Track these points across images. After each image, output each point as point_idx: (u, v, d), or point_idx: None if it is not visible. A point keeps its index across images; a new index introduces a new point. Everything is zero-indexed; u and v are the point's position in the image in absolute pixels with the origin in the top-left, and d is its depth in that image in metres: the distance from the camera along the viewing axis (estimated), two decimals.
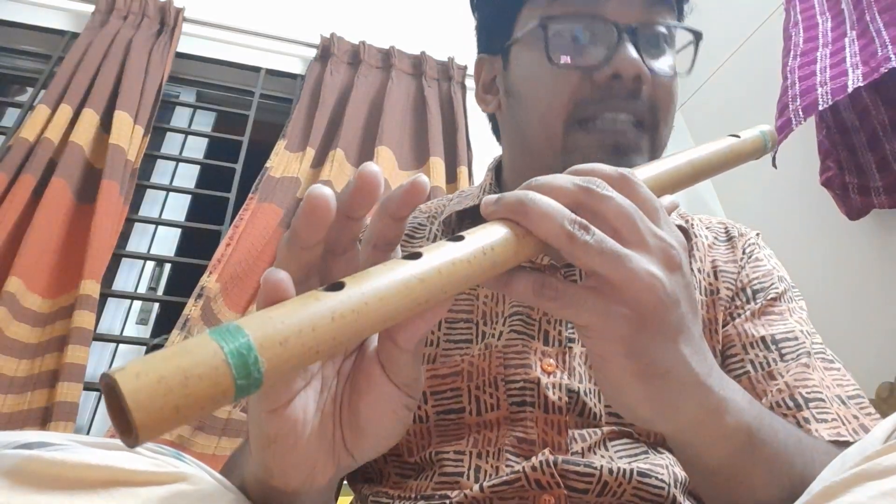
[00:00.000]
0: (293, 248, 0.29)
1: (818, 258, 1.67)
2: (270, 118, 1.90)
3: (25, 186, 1.33)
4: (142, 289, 1.54)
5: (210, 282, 1.40)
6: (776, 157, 1.38)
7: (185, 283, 1.45)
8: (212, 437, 1.27)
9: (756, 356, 0.53)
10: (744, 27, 2.00)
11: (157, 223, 1.61)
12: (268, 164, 1.63)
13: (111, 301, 1.49)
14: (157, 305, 1.54)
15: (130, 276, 1.55)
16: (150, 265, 1.58)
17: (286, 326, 0.23)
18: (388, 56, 1.95)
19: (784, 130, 1.35)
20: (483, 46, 0.65)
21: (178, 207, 1.68)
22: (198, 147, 1.79)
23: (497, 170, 0.67)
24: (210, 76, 1.88)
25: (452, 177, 1.77)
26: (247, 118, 1.79)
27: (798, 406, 0.49)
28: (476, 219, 0.63)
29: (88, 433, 1.30)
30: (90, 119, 1.48)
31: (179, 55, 1.77)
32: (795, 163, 1.42)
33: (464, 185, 1.74)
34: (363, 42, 1.94)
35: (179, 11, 1.76)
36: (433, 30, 2.12)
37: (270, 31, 1.90)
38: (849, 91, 1.24)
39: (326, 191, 0.27)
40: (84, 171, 1.44)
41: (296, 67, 1.94)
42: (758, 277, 0.59)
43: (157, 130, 1.66)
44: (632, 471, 0.46)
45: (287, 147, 1.68)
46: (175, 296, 1.49)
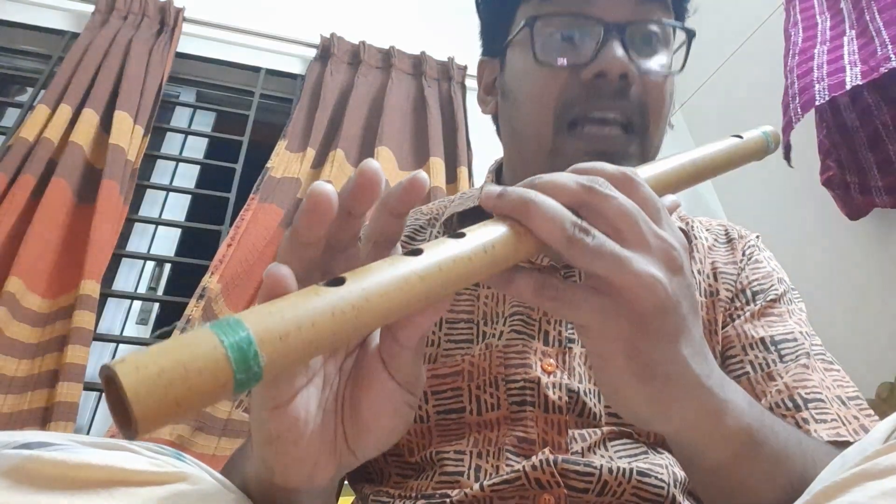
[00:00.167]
0: (295, 245, 0.29)
1: (819, 258, 1.67)
2: (270, 118, 1.90)
3: (25, 186, 1.33)
4: (142, 289, 1.54)
5: (212, 282, 1.40)
6: (791, 157, 1.38)
7: (185, 283, 1.45)
8: (212, 438, 1.26)
9: (755, 357, 0.53)
10: (744, 27, 2.00)
11: (157, 223, 1.61)
12: (269, 165, 1.63)
13: (111, 301, 1.49)
14: (157, 305, 1.54)
15: (130, 276, 1.55)
16: (150, 265, 1.58)
17: (286, 321, 0.23)
18: (388, 56, 1.95)
19: (787, 130, 1.35)
20: (485, 49, 0.66)
21: (178, 207, 1.68)
22: (198, 147, 1.79)
23: (498, 171, 0.68)
24: (210, 76, 1.87)
25: (452, 177, 1.77)
26: (247, 118, 1.79)
27: (797, 407, 0.49)
28: (477, 220, 0.63)
29: (88, 433, 1.30)
30: (90, 119, 1.48)
31: (179, 55, 1.77)
32: (796, 162, 1.42)
33: (464, 185, 1.74)
34: (363, 42, 1.94)
35: (179, 11, 1.76)
36: (433, 30, 2.12)
37: (270, 31, 1.90)
38: (847, 88, 1.24)
39: (328, 188, 0.27)
40: (84, 171, 1.44)
41: (296, 67, 1.94)
42: (757, 279, 0.59)
43: (157, 130, 1.66)
44: (631, 470, 0.47)
45: (288, 147, 1.68)
46: (175, 296, 1.49)
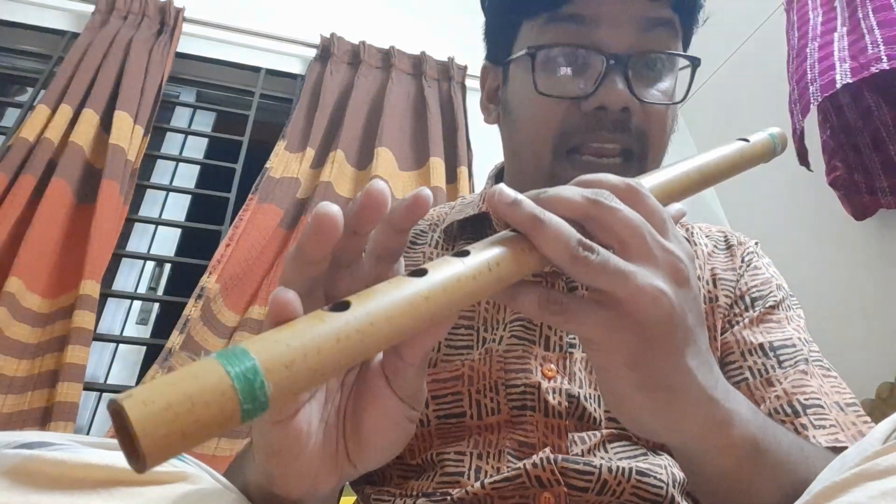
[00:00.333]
0: (299, 263, 0.29)
1: (820, 259, 1.67)
2: (270, 118, 1.90)
3: (25, 186, 1.33)
4: (142, 289, 1.54)
5: (210, 282, 1.40)
6: (809, 161, 1.38)
7: (185, 283, 1.45)
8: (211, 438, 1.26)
9: (754, 363, 0.53)
10: (744, 27, 2.00)
11: (157, 223, 1.61)
12: (268, 165, 1.63)
13: (111, 301, 1.49)
14: (157, 305, 1.54)
15: (130, 276, 1.55)
16: (150, 265, 1.58)
17: (292, 349, 0.23)
18: (388, 56, 1.95)
19: (797, 136, 1.35)
20: (489, 54, 0.65)
21: (178, 207, 1.68)
22: (198, 147, 1.79)
23: (498, 176, 0.68)
24: (210, 76, 1.87)
25: (452, 177, 1.77)
26: (247, 118, 1.79)
27: (796, 412, 0.49)
28: (477, 227, 0.63)
29: (88, 433, 1.30)
30: (90, 119, 1.48)
31: (179, 55, 1.76)
32: (798, 164, 1.42)
33: (464, 185, 1.74)
34: (363, 42, 1.94)
35: (179, 11, 1.76)
36: (433, 30, 2.12)
37: (270, 31, 1.90)
38: (837, 87, 1.23)
39: (334, 208, 0.28)
40: (84, 171, 1.44)
41: (296, 67, 1.94)
42: (756, 286, 0.59)
43: (157, 130, 1.66)
44: (631, 470, 0.47)
45: (287, 147, 1.68)
46: (175, 296, 1.49)
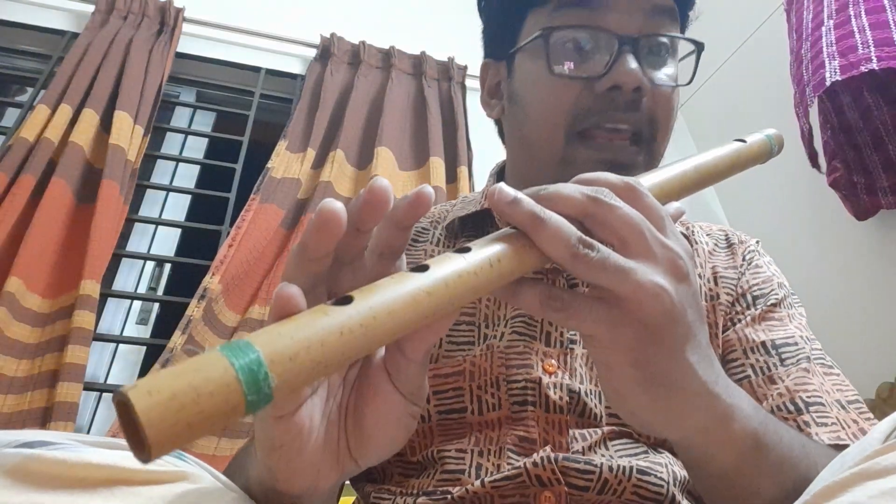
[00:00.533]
0: (303, 259, 0.30)
1: (820, 259, 1.67)
2: (270, 118, 1.90)
3: (25, 186, 1.33)
4: (142, 289, 1.54)
5: (213, 283, 1.40)
6: (819, 164, 1.38)
7: (185, 284, 1.45)
8: (211, 438, 1.27)
9: (756, 361, 0.54)
10: (744, 27, 2.00)
11: (157, 223, 1.61)
12: (269, 165, 1.63)
13: (111, 301, 1.49)
14: (157, 305, 1.54)
15: (130, 276, 1.55)
16: (150, 265, 1.58)
17: (295, 342, 0.23)
18: (388, 56, 1.95)
19: (803, 138, 1.35)
20: (489, 51, 0.66)
21: (179, 207, 1.68)
22: (198, 147, 1.79)
23: (499, 175, 0.68)
24: (210, 76, 1.88)
25: (452, 177, 1.77)
26: (247, 118, 1.79)
27: (798, 410, 0.49)
28: (479, 224, 0.64)
29: (88, 433, 1.30)
30: (90, 119, 1.48)
31: (179, 55, 1.77)
32: (798, 164, 1.42)
33: (464, 185, 1.74)
34: (363, 42, 1.94)
35: (179, 11, 1.76)
36: (433, 30, 2.12)
37: (270, 31, 1.90)
38: (826, 85, 1.23)
39: (338, 205, 0.28)
40: (84, 171, 1.44)
41: (296, 67, 1.94)
42: (758, 284, 0.60)
43: (157, 130, 1.66)
44: (631, 468, 0.47)
45: (288, 148, 1.68)
46: (175, 296, 1.49)
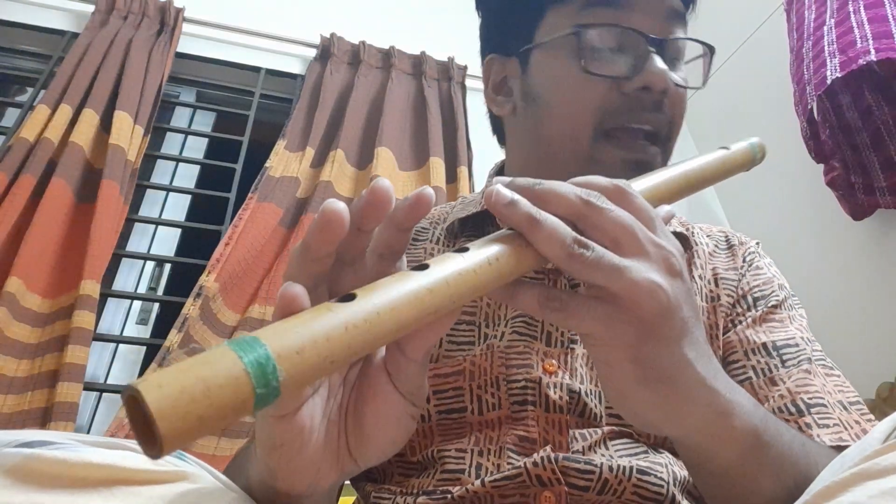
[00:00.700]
0: (305, 259, 0.30)
1: (820, 259, 1.67)
2: (270, 118, 1.90)
3: (25, 186, 1.33)
4: (142, 289, 1.54)
5: (209, 281, 1.40)
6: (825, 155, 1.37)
7: (185, 283, 1.45)
8: (211, 438, 1.27)
9: (758, 362, 0.54)
10: (744, 27, 2.00)
11: (157, 223, 1.61)
12: (267, 164, 1.63)
13: (111, 301, 1.49)
14: (157, 305, 1.54)
15: (130, 276, 1.55)
16: (150, 265, 1.58)
17: (301, 337, 0.24)
18: (388, 56, 1.95)
19: (804, 136, 1.35)
20: (493, 46, 0.64)
21: (178, 207, 1.68)
22: (198, 147, 1.79)
23: (499, 174, 0.67)
24: (210, 76, 1.88)
25: (452, 177, 1.77)
26: (247, 118, 1.79)
27: (800, 411, 0.49)
28: (478, 225, 0.63)
29: (88, 433, 1.30)
30: (90, 119, 1.48)
31: (179, 55, 1.77)
32: (798, 164, 1.42)
33: (464, 185, 1.74)
34: (363, 42, 1.94)
35: (179, 11, 1.76)
36: (433, 30, 2.12)
37: (270, 31, 1.90)
38: (828, 83, 1.23)
39: (340, 206, 0.28)
40: (84, 171, 1.44)
41: (296, 67, 1.94)
42: (758, 285, 0.60)
43: (157, 130, 1.66)
44: (631, 468, 0.47)
45: (287, 147, 1.68)
46: (175, 296, 1.49)
